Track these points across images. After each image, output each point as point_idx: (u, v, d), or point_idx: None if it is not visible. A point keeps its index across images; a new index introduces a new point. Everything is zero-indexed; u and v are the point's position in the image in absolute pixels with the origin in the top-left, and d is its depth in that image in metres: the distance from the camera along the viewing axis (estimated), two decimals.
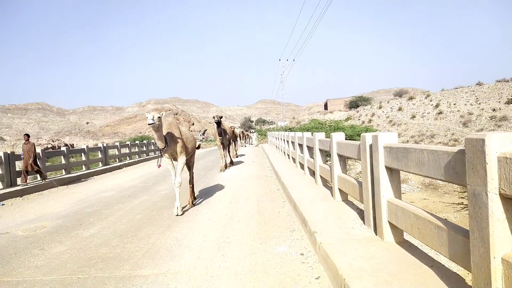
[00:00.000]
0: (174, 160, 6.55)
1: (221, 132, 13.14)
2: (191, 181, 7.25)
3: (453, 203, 10.59)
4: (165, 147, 6.01)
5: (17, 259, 4.34)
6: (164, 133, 6.09)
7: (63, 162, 13.44)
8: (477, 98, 31.25)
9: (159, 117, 5.74)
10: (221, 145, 13.41)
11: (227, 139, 13.82)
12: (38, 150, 12.25)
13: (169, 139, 6.14)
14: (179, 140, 6.34)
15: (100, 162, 16.43)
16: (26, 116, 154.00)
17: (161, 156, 6.26)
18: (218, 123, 12.87)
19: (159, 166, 6.31)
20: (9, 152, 10.58)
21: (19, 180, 10.51)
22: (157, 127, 5.74)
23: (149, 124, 5.59)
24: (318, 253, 3.77)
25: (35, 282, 3.61)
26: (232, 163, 14.98)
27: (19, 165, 13.28)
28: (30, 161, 10.30)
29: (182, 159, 6.44)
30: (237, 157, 19.10)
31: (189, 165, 7.32)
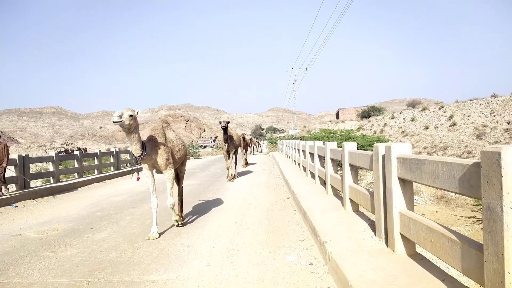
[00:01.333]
0: (158, 172, 5.62)
1: (227, 138, 12.05)
2: (180, 195, 6.35)
3: (465, 217, 10.40)
4: (141, 155, 4.90)
5: (29, 261, 4.39)
6: (144, 138, 5.10)
7: (76, 165, 13.61)
8: (491, 110, 30.84)
9: (130, 115, 4.57)
10: (227, 153, 12.39)
11: (234, 146, 12.70)
12: (38, 153, 12.42)
13: (150, 147, 5.09)
14: (162, 148, 5.28)
15: (112, 167, 16.59)
16: (41, 119, 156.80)
17: (138, 165, 5.16)
18: (225, 129, 11.78)
19: (138, 178, 5.43)
20: (23, 154, 10.75)
21: (32, 183, 10.66)
22: (128, 129, 4.63)
23: (114, 122, 4.49)
24: (328, 264, 3.73)
25: (45, 284, 3.64)
26: (234, 175, 13.06)
27: (32, 168, 13.50)
28: (4, 165, 9.03)
29: (169, 173, 5.46)
30: (247, 165, 18.44)
31: (179, 176, 6.35)
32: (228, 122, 11.72)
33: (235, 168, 13.55)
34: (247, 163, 18.81)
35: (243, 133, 20.11)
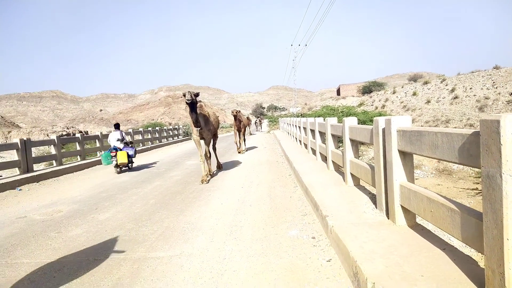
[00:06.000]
0: None
1: (197, 119, 7.94)
2: None
3: (467, 189, 10.47)
4: None
5: (35, 241, 4.46)
6: None
7: (78, 148, 13.65)
8: (494, 82, 30.53)
9: None
10: (199, 140, 8.41)
11: (210, 131, 8.55)
12: (40, 137, 12.42)
13: None
14: None
15: None
16: (41, 104, 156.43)
17: None
18: (192, 105, 7.68)
19: None
20: (25, 138, 10.77)
21: (35, 167, 10.69)
22: None
23: None
24: (329, 237, 3.79)
25: (53, 263, 3.71)
26: (219, 166, 9.82)
27: (35, 152, 13.56)
28: None
29: None
30: (244, 150, 14.87)
31: None
32: (196, 95, 7.76)
33: (216, 158, 9.81)
34: (245, 149, 15.37)
35: (234, 109, 15.78)
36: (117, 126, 11.78)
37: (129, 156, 10.59)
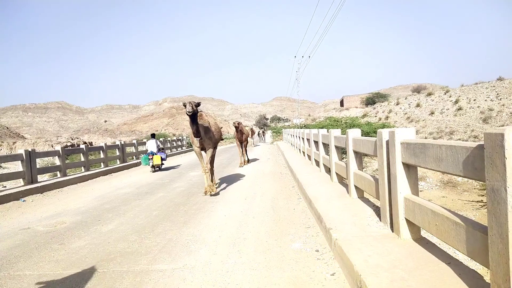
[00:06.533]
0: None
1: (198, 130, 7.61)
2: None
3: (472, 201, 10.38)
4: None
5: (38, 253, 4.46)
6: None
7: (82, 159, 13.69)
8: (497, 94, 30.48)
9: None
10: (200, 152, 8.14)
11: (211, 141, 8.18)
12: (45, 148, 12.48)
13: None
14: None
15: (117, 160, 16.65)
16: (46, 115, 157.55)
17: None
18: (193, 116, 7.36)
19: None
20: (30, 150, 10.82)
21: (39, 178, 10.71)
22: None
23: None
24: (333, 250, 3.76)
25: (55, 275, 3.70)
26: (214, 185, 8.27)
27: (39, 163, 13.63)
28: None
29: None
30: (248, 162, 15.13)
31: None
32: (197, 105, 7.41)
33: (212, 173, 8.45)
34: (247, 161, 15.27)
35: (236, 121, 15.80)
36: (153, 136, 15.16)
37: (162, 159, 13.64)
